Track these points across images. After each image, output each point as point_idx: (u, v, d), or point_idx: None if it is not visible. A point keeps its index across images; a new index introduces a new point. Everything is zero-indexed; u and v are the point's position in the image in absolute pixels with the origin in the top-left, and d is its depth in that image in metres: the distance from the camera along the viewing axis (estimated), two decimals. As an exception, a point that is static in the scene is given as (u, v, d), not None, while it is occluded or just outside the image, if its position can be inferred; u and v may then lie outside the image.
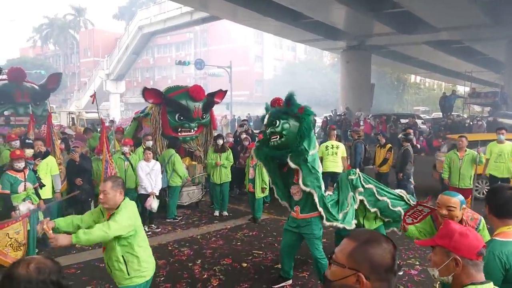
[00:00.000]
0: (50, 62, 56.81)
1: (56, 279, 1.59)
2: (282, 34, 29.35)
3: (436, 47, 25.82)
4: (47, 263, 1.62)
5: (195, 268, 5.80)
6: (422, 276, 5.46)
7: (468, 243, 1.90)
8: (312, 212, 4.94)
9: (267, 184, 8.12)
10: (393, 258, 1.39)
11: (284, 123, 4.65)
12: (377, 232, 1.51)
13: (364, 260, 1.38)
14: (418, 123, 22.69)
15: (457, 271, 1.89)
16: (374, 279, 1.36)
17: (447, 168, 7.94)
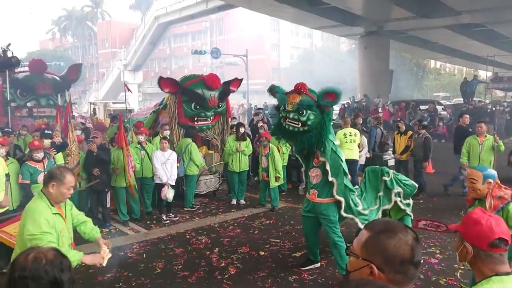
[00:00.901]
0: (69, 54, 57.48)
1: (52, 270, 1.56)
2: (298, 21, 28.95)
3: (457, 30, 25.11)
4: (47, 255, 1.60)
5: (212, 257, 5.82)
6: (442, 265, 5.36)
7: (478, 232, 1.85)
8: (329, 198, 4.96)
9: (280, 173, 8.13)
10: (412, 249, 1.33)
11: (310, 114, 4.66)
12: (396, 222, 1.43)
13: (377, 251, 1.33)
14: (438, 109, 22.24)
15: (468, 258, 1.88)
16: (388, 271, 1.32)
17: (466, 153, 7.95)
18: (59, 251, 1.66)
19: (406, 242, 1.34)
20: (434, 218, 7.24)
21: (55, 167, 3.19)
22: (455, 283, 4.84)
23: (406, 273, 1.32)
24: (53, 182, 3.00)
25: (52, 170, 3.18)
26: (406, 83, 40.89)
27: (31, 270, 1.54)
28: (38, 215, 2.95)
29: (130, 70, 41.60)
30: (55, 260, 1.59)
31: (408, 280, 1.33)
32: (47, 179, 3.04)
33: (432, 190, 9.27)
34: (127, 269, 5.41)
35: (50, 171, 3.17)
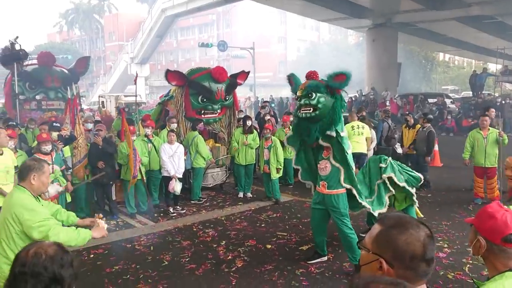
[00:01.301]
0: (76, 47, 57.67)
1: (51, 266, 1.52)
2: (306, 14, 28.77)
3: (467, 23, 24.80)
4: (48, 250, 1.56)
5: (219, 249, 5.83)
6: (450, 259, 5.33)
7: (492, 226, 1.82)
8: (339, 189, 4.95)
9: (281, 164, 8.16)
10: (423, 246, 1.31)
11: (320, 96, 4.63)
12: (409, 217, 1.41)
13: (387, 246, 1.32)
14: (447, 103, 22.06)
15: (481, 252, 1.85)
16: (398, 266, 1.30)
17: (470, 148, 7.88)
18: (61, 246, 1.61)
19: (418, 238, 1.31)
20: (442, 212, 7.23)
21: (28, 159, 3.13)
22: (464, 278, 4.81)
23: (417, 269, 1.30)
24: (33, 173, 2.97)
25: (27, 162, 3.10)
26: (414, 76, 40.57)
27: (30, 265, 1.51)
28: (30, 204, 2.95)
29: (137, 63, 41.63)
30: (56, 255, 1.55)
31: (419, 277, 1.31)
32: (26, 172, 2.98)
33: (440, 184, 9.22)
34: (134, 261, 5.44)
35: (25, 165, 3.08)
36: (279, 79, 51.16)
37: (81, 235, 3.02)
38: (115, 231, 6.76)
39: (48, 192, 5.72)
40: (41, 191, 3.11)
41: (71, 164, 6.86)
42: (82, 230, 3.07)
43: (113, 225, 7.02)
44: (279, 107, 26.96)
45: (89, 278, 4.97)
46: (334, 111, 4.68)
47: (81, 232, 3.04)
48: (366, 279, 1.10)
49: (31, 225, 2.88)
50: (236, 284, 4.79)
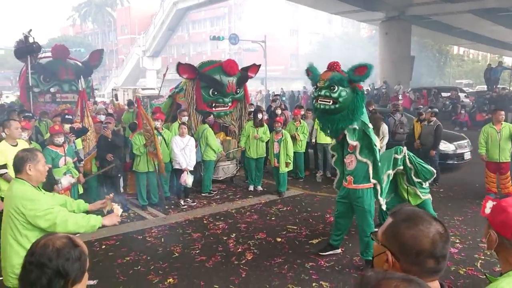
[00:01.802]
0: (89, 40, 58.04)
1: (56, 259, 1.48)
2: (318, 6, 28.50)
3: (482, 15, 24.34)
4: (56, 242, 1.52)
5: (229, 242, 5.86)
6: (462, 255, 5.29)
7: (503, 220, 1.80)
8: (365, 184, 4.90)
9: (291, 158, 8.13)
10: (432, 243, 1.29)
11: (342, 90, 4.61)
12: (423, 213, 1.38)
13: (394, 239, 1.33)
14: (461, 97, 21.74)
15: (493, 247, 1.83)
16: (404, 260, 1.31)
17: (484, 143, 7.76)
18: (72, 240, 1.55)
19: (427, 234, 1.30)
20: (454, 207, 7.16)
21: (20, 151, 3.11)
22: (475, 273, 4.77)
23: (423, 265, 1.29)
24: (28, 163, 2.95)
25: (20, 154, 3.04)
26: (428, 69, 40.04)
27: (36, 255, 1.48)
28: (31, 194, 2.94)
29: (149, 56, 41.82)
30: (63, 248, 1.50)
31: (426, 273, 1.29)
32: (20, 163, 2.96)
33: (452, 179, 9.12)
34: (145, 252, 5.50)
35: (19, 156, 3.01)
36: (290, 72, 51.03)
37: (90, 222, 3.00)
38: (127, 222, 6.84)
39: (61, 183, 5.81)
40: (40, 180, 3.08)
41: (83, 156, 6.94)
42: (93, 217, 3.04)
43: (125, 217, 7.09)
44: (290, 101, 26.85)
45: (101, 268, 5.03)
46: (354, 105, 4.65)
47: (91, 219, 3.01)
48: (378, 275, 1.09)
49: (36, 214, 2.87)
50: (245, 276, 4.81)
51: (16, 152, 3.05)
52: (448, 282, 4.50)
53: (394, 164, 5.20)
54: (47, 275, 1.44)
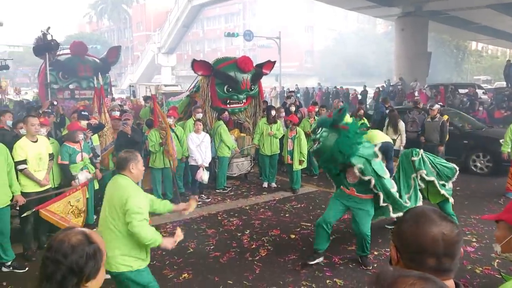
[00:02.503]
0: (105, 37, 58.66)
1: (70, 255, 1.47)
2: (333, 2, 28.31)
3: (502, 10, 23.86)
4: (72, 238, 1.51)
5: (243, 238, 5.89)
6: (479, 254, 5.22)
7: None
8: (368, 194, 4.89)
9: (305, 156, 8.10)
10: (433, 242, 1.30)
11: (324, 131, 4.80)
12: (433, 212, 1.39)
13: (397, 235, 1.39)
14: (479, 93, 21.35)
15: None
16: (404, 257, 1.35)
17: (509, 141, 7.62)
18: (87, 237, 1.54)
19: (426, 234, 1.32)
20: (471, 206, 7.06)
21: (123, 152, 3.45)
22: (492, 273, 4.71)
23: (422, 263, 1.31)
24: (131, 163, 3.28)
25: (123, 154, 3.37)
26: (445, 66, 39.42)
27: (53, 251, 1.49)
28: (134, 190, 3.24)
29: (164, 53, 42.09)
30: (78, 245, 1.50)
31: (428, 270, 1.28)
32: (125, 162, 3.28)
33: (469, 177, 9.00)
34: (160, 248, 5.55)
35: (123, 156, 3.34)
36: (305, 68, 50.80)
37: (154, 239, 3.26)
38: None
39: (78, 179, 5.91)
40: (139, 178, 3.45)
41: (100, 152, 7.03)
42: (158, 236, 3.30)
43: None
44: (305, 97, 26.75)
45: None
46: (337, 146, 4.57)
47: (157, 238, 3.28)
48: (395, 273, 1.10)
49: (129, 208, 3.12)
50: (259, 272, 4.84)
51: (37, 148, 3.18)
52: (464, 281, 4.47)
53: (414, 167, 5.22)
54: (61, 271, 1.46)
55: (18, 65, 45.58)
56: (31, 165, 5.26)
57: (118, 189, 3.23)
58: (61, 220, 5.17)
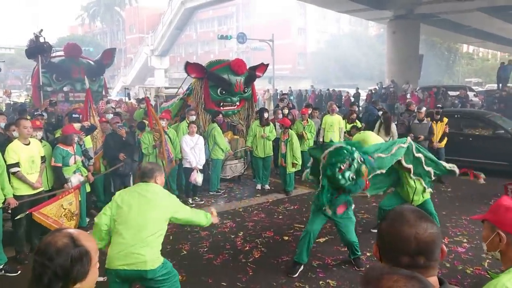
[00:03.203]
0: (97, 40, 58.40)
1: (56, 258, 1.46)
2: (326, 5, 28.47)
3: (492, 13, 24.17)
4: (58, 241, 1.49)
5: (237, 240, 5.91)
6: (469, 254, 5.28)
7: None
8: (341, 205, 4.80)
9: (298, 159, 8.14)
10: (405, 242, 1.34)
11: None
12: (414, 212, 1.42)
13: (378, 234, 1.45)
14: (470, 96, 21.57)
15: (501, 247, 1.87)
16: (383, 254, 1.41)
17: None
18: (74, 239, 1.52)
19: (400, 233, 1.36)
20: (461, 207, 7.12)
21: (149, 163, 4.01)
22: (482, 273, 4.77)
23: (397, 261, 1.34)
24: (157, 174, 3.55)
25: (150, 166, 3.68)
26: (437, 68, 39.80)
27: (40, 254, 1.49)
28: (168, 193, 3.62)
29: (157, 55, 41.99)
30: (63, 249, 1.48)
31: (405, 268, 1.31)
32: (151, 173, 3.52)
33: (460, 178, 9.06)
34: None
35: (149, 167, 3.61)
36: (298, 71, 50.98)
37: (208, 217, 3.81)
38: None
39: (71, 182, 5.90)
40: None
41: (92, 155, 7.02)
42: (208, 215, 3.82)
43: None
44: (298, 99, 26.86)
45: (111, 265, 5.10)
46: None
47: (205, 215, 3.80)
48: (383, 270, 1.14)
49: (177, 205, 3.54)
50: (253, 274, 4.86)
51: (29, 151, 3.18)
52: (455, 281, 4.51)
53: (402, 152, 5.17)
54: (47, 275, 1.45)
55: (10, 67, 45.23)
56: (24, 168, 5.24)
57: (157, 193, 3.47)
58: (54, 223, 5.16)
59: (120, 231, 3.26)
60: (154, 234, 3.29)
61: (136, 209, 3.32)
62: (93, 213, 7.05)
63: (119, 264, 3.21)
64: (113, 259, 3.24)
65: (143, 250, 3.20)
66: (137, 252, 3.19)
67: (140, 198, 3.39)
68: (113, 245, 3.28)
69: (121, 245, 3.22)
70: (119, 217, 3.31)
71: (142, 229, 3.25)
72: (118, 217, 3.31)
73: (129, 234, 3.23)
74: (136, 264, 3.18)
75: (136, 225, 3.26)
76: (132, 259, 3.19)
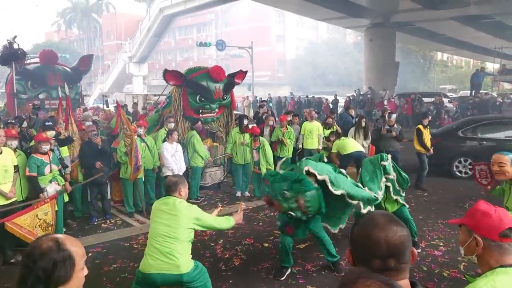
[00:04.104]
0: (74, 46, 57.55)
1: (39, 262, 1.47)
2: (304, 13, 28.80)
3: (465, 22, 24.88)
4: (43, 245, 1.51)
5: (217, 248, 5.87)
6: (446, 257, 5.38)
7: (489, 223, 1.86)
8: None
9: (271, 164, 8.18)
10: (376, 245, 1.36)
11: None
12: (386, 218, 1.44)
13: (350, 238, 1.47)
14: (444, 102, 22.11)
15: (478, 251, 1.88)
16: (355, 258, 1.43)
17: None
18: (59, 243, 1.52)
19: (371, 237, 1.38)
20: (438, 211, 7.24)
21: (173, 176, 4.06)
22: (459, 276, 4.86)
23: (368, 264, 1.36)
24: (180, 186, 3.78)
25: (174, 179, 3.87)
26: (413, 75, 40.67)
27: (25, 256, 1.51)
28: (190, 204, 3.82)
29: (135, 62, 41.62)
30: (47, 252, 1.50)
31: (376, 271, 1.31)
32: (175, 186, 3.76)
33: (436, 183, 9.26)
34: (133, 260, 5.48)
35: (173, 180, 3.83)
36: (277, 78, 51.29)
37: (230, 222, 4.12)
38: (113, 230, 6.80)
39: (47, 191, 5.76)
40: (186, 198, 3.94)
41: (69, 164, 6.87)
42: (231, 219, 4.14)
43: (111, 224, 7.06)
44: (278, 106, 27.01)
45: (87, 276, 4.98)
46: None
47: (228, 220, 4.11)
48: (359, 273, 1.15)
49: (196, 215, 3.72)
50: (233, 282, 4.83)
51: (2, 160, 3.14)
52: (432, 285, 4.58)
53: (384, 171, 5.25)
54: (30, 278, 1.47)
55: (-18, 74, 44.08)
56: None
57: (179, 203, 3.71)
58: (28, 234, 5.03)
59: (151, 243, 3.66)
60: (178, 243, 3.60)
61: (157, 223, 3.68)
62: (69, 223, 6.93)
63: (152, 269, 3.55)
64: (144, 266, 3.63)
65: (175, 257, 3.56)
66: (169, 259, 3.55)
67: (160, 213, 3.70)
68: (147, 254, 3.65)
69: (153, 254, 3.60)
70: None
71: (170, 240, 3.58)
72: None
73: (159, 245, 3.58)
74: (170, 269, 3.54)
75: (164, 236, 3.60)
76: (165, 264, 3.55)
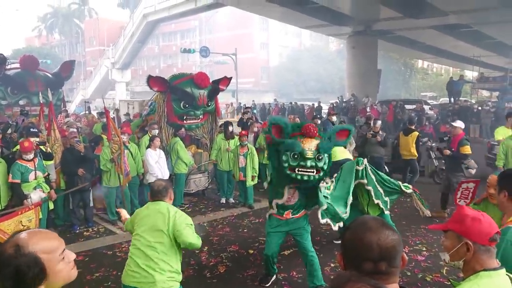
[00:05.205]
0: (55, 52, 56.73)
1: (3, 272, 1.41)
2: (287, 20, 29.03)
3: (444, 31, 25.44)
4: (5, 251, 1.44)
5: (202, 255, 5.83)
6: (428, 262, 5.45)
7: (480, 228, 1.88)
8: (302, 211, 4.71)
9: (257, 172, 8.18)
10: (368, 248, 1.38)
11: (327, 157, 4.28)
12: (376, 222, 1.46)
13: (341, 242, 1.49)
14: (425, 109, 22.50)
15: (468, 256, 1.88)
16: (347, 262, 1.44)
17: (503, 156, 7.44)
18: (20, 247, 1.44)
19: (363, 240, 1.39)
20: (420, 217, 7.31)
21: (160, 181, 3.79)
22: (441, 280, 4.93)
23: (360, 268, 1.38)
24: (170, 190, 3.62)
25: (163, 184, 3.64)
26: (394, 82, 41.29)
27: None
28: (180, 211, 3.62)
29: (118, 68, 41.27)
30: (8, 260, 1.42)
31: (368, 275, 1.33)
32: (165, 191, 3.56)
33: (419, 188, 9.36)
34: (115, 268, 5.40)
35: (163, 185, 3.58)
36: (261, 85, 51.47)
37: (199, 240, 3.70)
38: (96, 238, 6.70)
39: (31, 198, 5.66)
40: None
41: (54, 172, 6.75)
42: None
43: (94, 232, 6.95)
44: (262, 113, 27.08)
45: (69, 285, 4.89)
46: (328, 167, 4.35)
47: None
48: (349, 277, 1.17)
49: (186, 222, 3.51)
50: (218, 289, 4.79)
51: None
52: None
53: (356, 176, 4.96)
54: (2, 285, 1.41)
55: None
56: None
57: (170, 211, 3.49)
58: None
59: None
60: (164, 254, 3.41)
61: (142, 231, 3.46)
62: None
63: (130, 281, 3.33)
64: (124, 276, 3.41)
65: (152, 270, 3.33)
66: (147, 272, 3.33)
67: (148, 220, 3.48)
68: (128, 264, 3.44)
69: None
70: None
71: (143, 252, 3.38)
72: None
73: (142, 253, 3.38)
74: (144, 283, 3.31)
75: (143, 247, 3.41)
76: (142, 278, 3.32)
